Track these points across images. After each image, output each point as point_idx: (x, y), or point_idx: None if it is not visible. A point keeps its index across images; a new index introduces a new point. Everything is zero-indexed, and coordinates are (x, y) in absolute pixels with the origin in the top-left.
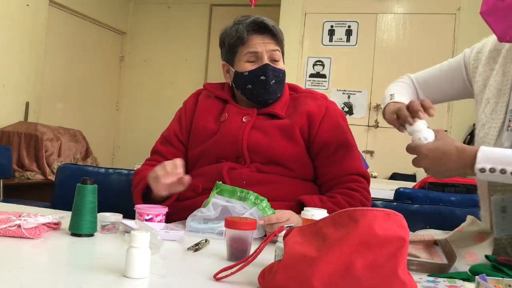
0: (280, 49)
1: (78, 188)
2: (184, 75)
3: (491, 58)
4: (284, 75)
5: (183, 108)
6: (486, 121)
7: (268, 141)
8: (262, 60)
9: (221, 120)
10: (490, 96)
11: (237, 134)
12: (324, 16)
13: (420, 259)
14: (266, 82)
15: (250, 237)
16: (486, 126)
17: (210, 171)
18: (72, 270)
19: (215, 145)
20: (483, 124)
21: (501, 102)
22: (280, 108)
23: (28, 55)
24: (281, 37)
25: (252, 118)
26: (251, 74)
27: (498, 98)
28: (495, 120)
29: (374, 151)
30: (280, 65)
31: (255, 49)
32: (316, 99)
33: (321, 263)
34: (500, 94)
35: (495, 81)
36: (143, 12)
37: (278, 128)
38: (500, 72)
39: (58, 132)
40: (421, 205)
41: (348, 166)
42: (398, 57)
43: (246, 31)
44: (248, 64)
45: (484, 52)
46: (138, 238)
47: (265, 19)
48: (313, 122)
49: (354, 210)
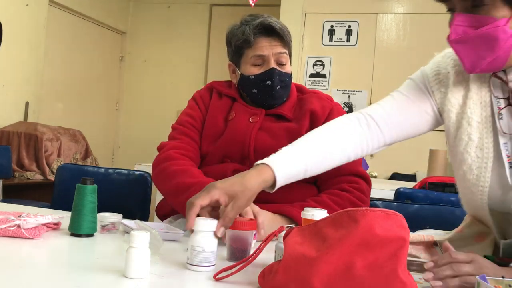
0: (287, 51)
1: (78, 188)
2: (184, 75)
3: (459, 83)
4: (290, 78)
5: (200, 101)
6: (471, 161)
7: (275, 144)
8: (268, 64)
9: (228, 119)
10: (471, 131)
11: (245, 135)
12: (324, 16)
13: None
14: (271, 87)
15: (250, 237)
16: (473, 167)
17: (214, 172)
18: (72, 270)
19: (222, 144)
20: (469, 164)
21: (486, 139)
22: (288, 110)
23: (28, 55)
24: (289, 39)
25: (259, 118)
26: (257, 79)
27: (480, 133)
28: (484, 160)
29: None
30: (287, 68)
31: (262, 53)
32: (322, 99)
33: (321, 263)
34: (483, 130)
35: (473, 113)
36: (143, 12)
37: (286, 131)
38: (478, 103)
39: (58, 132)
40: (421, 205)
41: (344, 167)
42: (398, 57)
43: (253, 34)
44: (255, 68)
45: (449, 78)
46: (138, 238)
47: (273, 22)
48: (316, 122)
49: (354, 210)
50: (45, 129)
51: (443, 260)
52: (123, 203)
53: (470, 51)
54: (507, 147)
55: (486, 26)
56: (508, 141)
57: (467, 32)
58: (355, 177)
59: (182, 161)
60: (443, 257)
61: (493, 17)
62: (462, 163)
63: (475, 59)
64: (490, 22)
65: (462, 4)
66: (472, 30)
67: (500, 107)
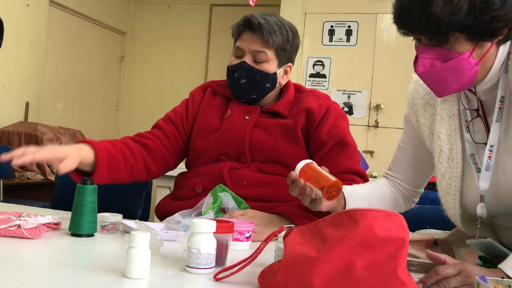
0: (269, 50)
1: (78, 188)
2: (184, 75)
3: (427, 103)
4: (264, 77)
5: (191, 99)
6: (444, 171)
7: (269, 140)
8: (244, 58)
9: (224, 118)
10: (441, 144)
11: (240, 132)
12: (324, 16)
13: (420, 259)
14: (237, 80)
15: (226, 240)
16: (446, 176)
17: (210, 171)
18: (72, 270)
19: (217, 142)
20: (442, 174)
21: (455, 149)
22: (283, 107)
23: (28, 55)
24: (274, 39)
25: (254, 116)
26: (229, 70)
27: (450, 145)
28: (454, 169)
29: (374, 151)
30: (263, 66)
31: (240, 45)
32: (319, 98)
33: (321, 263)
34: (452, 141)
35: (442, 127)
36: (143, 12)
37: (281, 127)
38: (445, 116)
39: (58, 132)
40: (421, 205)
41: (341, 165)
42: (398, 57)
43: (238, 27)
44: (234, 59)
45: (417, 102)
46: (138, 238)
47: (254, 18)
48: (312, 120)
49: (354, 210)
50: (45, 129)
51: (431, 279)
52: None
53: (437, 81)
54: (474, 156)
55: (451, 60)
56: (474, 151)
57: (435, 65)
58: (353, 175)
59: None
60: (430, 276)
61: (457, 52)
62: (438, 174)
63: (443, 88)
64: (455, 56)
65: (428, 40)
66: (439, 63)
67: (467, 120)
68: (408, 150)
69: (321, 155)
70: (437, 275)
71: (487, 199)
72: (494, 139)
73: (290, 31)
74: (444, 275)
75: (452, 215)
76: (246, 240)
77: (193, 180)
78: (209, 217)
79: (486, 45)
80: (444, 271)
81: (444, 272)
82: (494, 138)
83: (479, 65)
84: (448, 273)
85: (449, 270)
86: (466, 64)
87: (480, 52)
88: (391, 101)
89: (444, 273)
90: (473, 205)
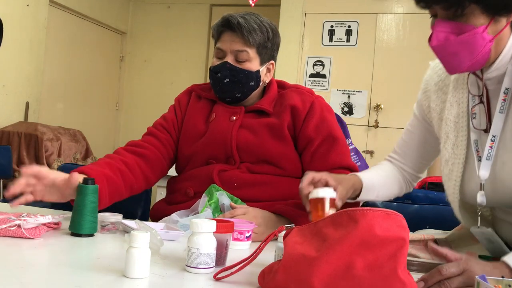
0: (250, 49)
1: (79, 188)
2: (184, 75)
3: (439, 90)
4: (248, 75)
5: (177, 104)
6: (448, 156)
7: (257, 140)
8: (226, 58)
9: (209, 121)
10: (448, 130)
11: (226, 134)
12: (324, 16)
13: (420, 259)
14: (220, 80)
15: (226, 240)
16: (449, 162)
17: (201, 174)
18: (72, 270)
19: (205, 146)
20: (446, 160)
21: (461, 136)
22: (267, 104)
23: (28, 55)
24: (255, 38)
25: (240, 116)
26: (211, 70)
27: (457, 132)
28: (458, 156)
29: (374, 151)
30: (246, 65)
31: (221, 46)
32: (302, 94)
33: (321, 263)
34: (458, 128)
35: (450, 113)
36: (143, 12)
37: (267, 127)
38: (454, 103)
39: (58, 132)
40: (421, 205)
41: (332, 160)
42: (398, 57)
43: (218, 28)
44: (215, 60)
45: (431, 88)
46: (138, 238)
47: (233, 17)
48: (297, 117)
49: (354, 210)
50: (45, 129)
51: (433, 279)
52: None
53: (450, 56)
54: (477, 143)
55: (466, 34)
56: (478, 138)
57: (448, 38)
58: (345, 169)
59: (116, 155)
60: (433, 275)
61: (472, 25)
62: (442, 159)
63: (455, 62)
64: (469, 29)
65: (444, 12)
66: (453, 37)
67: (473, 106)
68: (416, 134)
69: (311, 152)
70: (440, 275)
71: (486, 188)
72: (496, 129)
73: (270, 29)
74: (447, 275)
75: (452, 200)
76: (246, 239)
77: (184, 184)
78: (208, 216)
79: (502, 21)
80: (447, 270)
81: (447, 272)
82: (497, 128)
83: (493, 41)
84: (451, 272)
85: (452, 269)
86: (480, 39)
87: (495, 28)
88: (391, 101)
89: (447, 273)
90: (473, 193)
